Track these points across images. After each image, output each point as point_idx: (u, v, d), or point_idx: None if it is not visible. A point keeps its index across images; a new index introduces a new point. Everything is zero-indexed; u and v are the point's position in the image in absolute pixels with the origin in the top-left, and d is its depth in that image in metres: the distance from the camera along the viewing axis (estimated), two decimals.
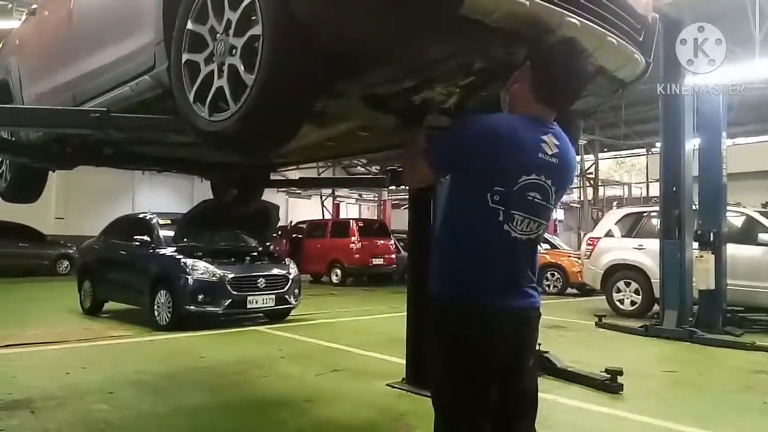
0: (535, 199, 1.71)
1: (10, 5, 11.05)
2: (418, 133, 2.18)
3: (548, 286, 13.47)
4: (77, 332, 6.93)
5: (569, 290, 13.26)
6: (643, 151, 21.12)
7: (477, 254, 1.73)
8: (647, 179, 20.86)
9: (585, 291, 12.48)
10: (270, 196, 7.70)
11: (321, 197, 24.72)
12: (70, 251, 16.70)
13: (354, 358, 5.77)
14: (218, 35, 2.01)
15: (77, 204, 19.66)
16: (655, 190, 19.63)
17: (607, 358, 5.23)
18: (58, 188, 18.70)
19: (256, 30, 1.85)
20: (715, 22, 6.59)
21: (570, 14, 1.87)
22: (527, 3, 1.73)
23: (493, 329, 1.71)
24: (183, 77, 2.12)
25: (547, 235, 15.05)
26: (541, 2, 1.78)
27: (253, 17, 1.87)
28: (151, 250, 7.91)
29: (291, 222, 19.62)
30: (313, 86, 1.93)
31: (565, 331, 7.78)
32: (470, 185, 1.73)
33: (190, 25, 2.10)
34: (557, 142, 1.76)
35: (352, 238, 15.53)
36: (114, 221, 9.53)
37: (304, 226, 17.68)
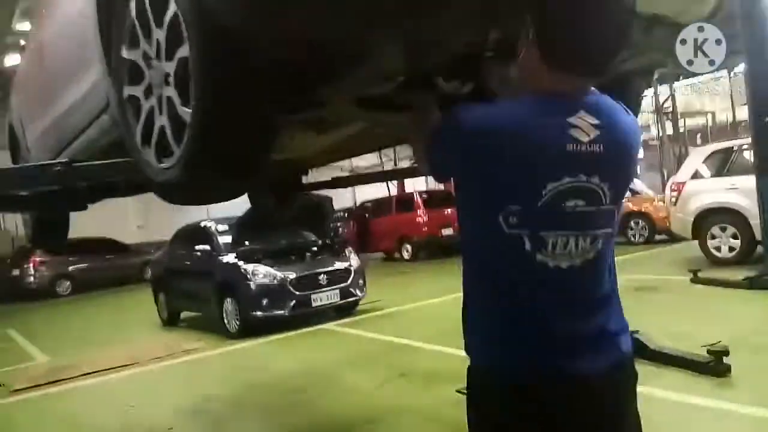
0: (578, 208, 1.20)
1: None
2: (426, 100, 1.67)
3: (633, 236, 12.52)
4: (152, 349, 6.97)
5: (657, 238, 12.28)
6: (724, 73, 19.18)
7: (503, 302, 1.24)
8: (732, 104, 18.97)
9: (675, 237, 11.49)
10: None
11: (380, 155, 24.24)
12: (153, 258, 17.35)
13: (424, 356, 5.40)
14: (152, 61, 1.62)
15: (155, 211, 20.28)
16: (742, 114, 17.90)
17: (707, 326, 4.60)
18: (135, 198, 19.35)
19: (185, 50, 1.45)
20: None
21: None
22: None
23: (546, 411, 1.20)
24: (127, 116, 1.76)
25: None
26: None
27: (183, 34, 1.47)
28: (213, 259, 7.84)
29: (356, 203, 19.42)
30: (270, 110, 1.51)
31: (655, 293, 7.07)
32: (475, 206, 1.26)
33: (124, 52, 1.73)
34: (596, 120, 1.21)
35: (418, 212, 15.09)
36: (177, 232, 9.58)
37: (369, 205, 17.42)
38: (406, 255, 15.34)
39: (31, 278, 16.10)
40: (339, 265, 7.75)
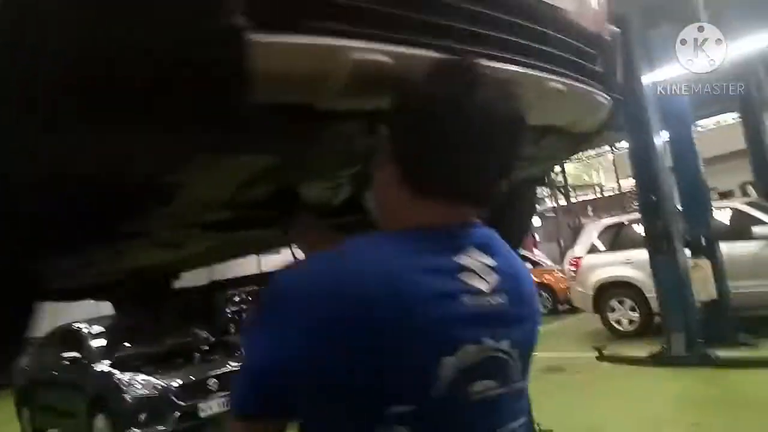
0: (489, 392, 0.80)
1: None
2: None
3: None
4: None
5: (560, 308, 12.45)
6: (608, 148, 20.63)
7: None
8: (617, 177, 20.33)
9: (577, 308, 11.68)
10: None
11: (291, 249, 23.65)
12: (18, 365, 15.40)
13: None
14: None
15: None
16: (626, 185, 19.17)
17: (618, 412, 4.37)
18: None
19: None
20: (665, 15, 6.06)
21: (481, 57, 1.03)
22: (387, 59, 0.88)
23: None
24: None
25: (525, 252, 14.16)
26: (423, 52, 0.94)
27: None
28: (84, 368, 6.85)
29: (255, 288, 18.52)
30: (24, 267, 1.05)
31: (563, 374, 6.90)
32: (337, 419, 0.78)
33: None
34: (492, 261, 0.84)
35: None
36: (47, 335, 8.42)
37: None
38: None
39: None
40: (232, 365, 6.98)
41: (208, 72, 0.72)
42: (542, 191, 19.89)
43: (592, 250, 9.20)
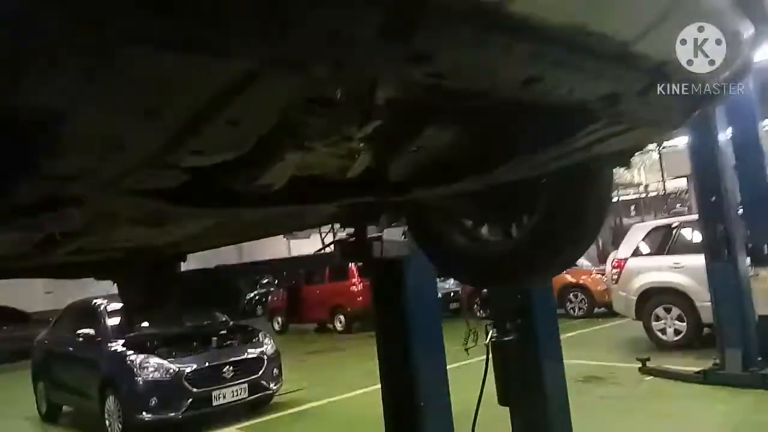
0: None
1: None
2: None
3: (573, 309, 12.07)
4: None
5: (596, 311, 11.83)
6: (653, 146, 19.63)
7: None
8: (663, 177, 19.35)
9: (615, 312, 11.05)
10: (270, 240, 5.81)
11: (320, 235, 23.30)
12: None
13: None
14: None
15: None
16: (672, 186, 18.27)
17: None
18: None
19: None
20: None
21: None
22: None
23: None
24: None
25: None
26: None
27: None
28: (97, 345, 6.62)
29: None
30: None
31: (603, 386, 6.38)
32: None
33: None
34: None
35: (353, 280, 14.16)
36: (65, 309, 8.28)
37: (301, 272, 16.38)
38: (339, 326, 14.28)
39: None
40: (249, 353, 6.67)
41: None
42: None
43: (638, 252, 8.58)
